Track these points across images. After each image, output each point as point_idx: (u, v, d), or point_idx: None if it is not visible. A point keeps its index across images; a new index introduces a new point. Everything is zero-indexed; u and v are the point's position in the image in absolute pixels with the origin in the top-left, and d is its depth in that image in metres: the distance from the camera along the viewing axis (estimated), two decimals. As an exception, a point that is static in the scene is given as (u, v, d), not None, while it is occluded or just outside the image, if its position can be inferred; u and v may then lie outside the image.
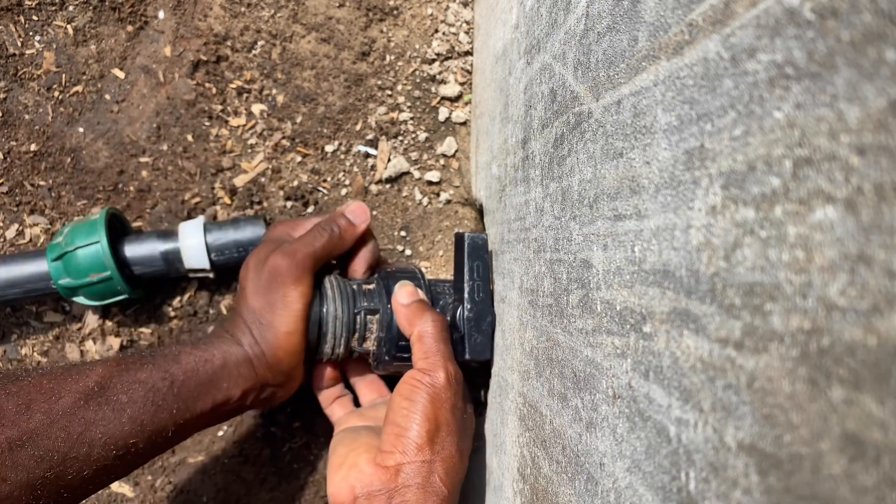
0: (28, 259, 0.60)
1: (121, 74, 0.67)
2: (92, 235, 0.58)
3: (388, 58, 0.70)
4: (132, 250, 0.61)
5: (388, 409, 0.50)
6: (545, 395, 0.38)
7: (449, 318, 0.56)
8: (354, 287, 0.57)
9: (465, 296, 0.55)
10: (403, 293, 0.55)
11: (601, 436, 0.29)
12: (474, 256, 0.55)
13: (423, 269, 0.69)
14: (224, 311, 0.67)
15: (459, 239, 0.57)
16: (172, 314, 0.66)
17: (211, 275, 0.64)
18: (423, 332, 0.52)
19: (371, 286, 0.57)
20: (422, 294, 0.56)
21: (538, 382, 0.40)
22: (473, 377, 0.62)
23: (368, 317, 0.56)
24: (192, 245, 0.62)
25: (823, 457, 0.15)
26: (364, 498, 0.47)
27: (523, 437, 0.43)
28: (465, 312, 0.54)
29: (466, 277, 0.55)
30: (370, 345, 0.56)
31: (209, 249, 0.62)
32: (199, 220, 0.63)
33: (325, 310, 0.55)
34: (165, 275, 0.63)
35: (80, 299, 0.60)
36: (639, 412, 0.25)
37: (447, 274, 0.70)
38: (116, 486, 0.64)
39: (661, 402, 0.23)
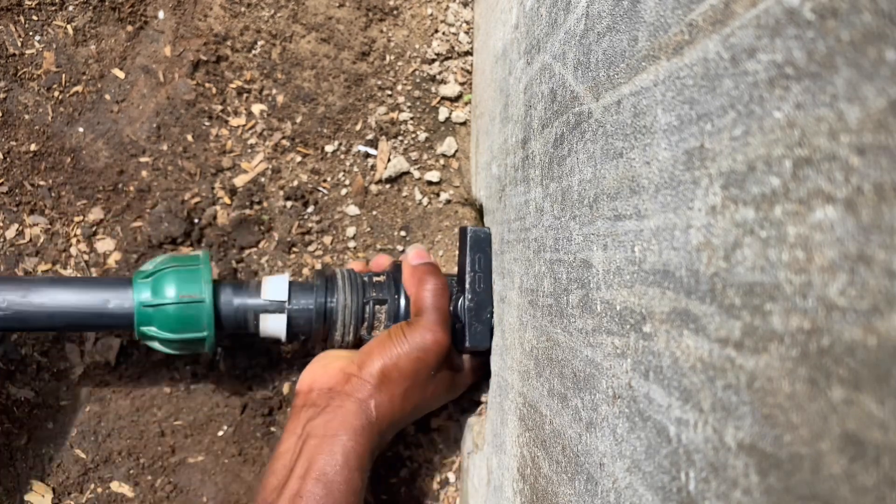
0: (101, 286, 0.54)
1: (121, 74, 0.67)
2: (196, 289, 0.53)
3: (388, 58, 0.70)
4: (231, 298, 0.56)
5: (379, 334, 0.57)
6: (545, 395, 0.38)
7: (451, 309, 0.58)
8: (365, 279, 0.59)
9: (467, 287, 0.56)
10: (414, 254, 0.59)
11: (601, 436, 0.29)
12: (476, 249, 0.57)
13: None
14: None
15: (462, 232, 0.58)
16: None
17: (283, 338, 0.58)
18: (420, 296, 0.56)
19: (381, 278, 0.60)
20: (431, 257, 0.59)
21: (538, 382, 0.40)
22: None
23: (377, 307, 0.58)
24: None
25: (823, 457, 0.15)
26: (316, 391, 0.54)
27: (523, 437, 0.43)
28: (467, 303, 0.56)
29: (468, 269, 0.57)
30: (378, 334, 0.58)
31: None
32: (285, 277, 0.58)
33: (334, 299, 0.57)
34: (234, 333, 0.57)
35: (152, 330, 0.54)
36: (639, 412, 0.25)
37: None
38: (116, 487, 0.64)
39: (661, 402, 0.23)
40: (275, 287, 0.57)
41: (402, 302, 0.58)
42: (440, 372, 0.56)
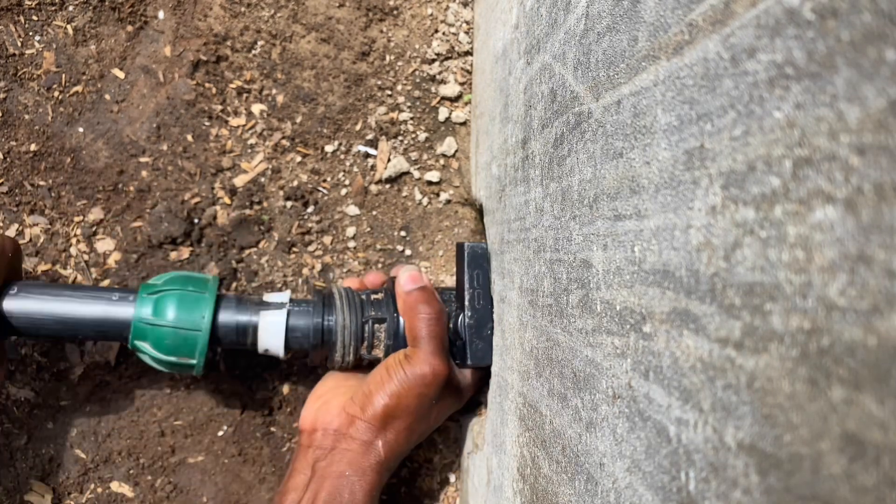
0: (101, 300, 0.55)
1: (121, 74, 0.67)
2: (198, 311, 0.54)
3: (388, 58, 0.70)
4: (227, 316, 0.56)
5: (374, 370, 0.56)
6: (545, 395, 0.38)
7: (451, 326, 0.58)
8: (363, 297, 0.59)
9: (466, 304, 0.56)
10: (406, 278, 0.58)
11: (601, 436, 0.29)
12: (474, 265, 0.57)
13: (423, 269, 0.70)
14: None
15: (460, 248, 0.58)
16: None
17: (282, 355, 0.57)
18: (415, 325, 0.55)
19: (379, 296, 0.59)
20: (425, 279, 0.58)
21: (538, 382, 0.40)
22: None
23: (376, 325, 0.57)
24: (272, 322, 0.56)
25: (823, 457, 0.15)
26: (321, 431, 0.55)
27: (523, 437, 0.43)
28: (467, 320, 0.56)
29: (467, 286, 0.57)
30: (378, 352, 0.58)
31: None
32: (286, 293, 0.58)
33: (333, 319, 0.57)
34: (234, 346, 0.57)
35: (146, 346, 0.54)
36: (639, 412, 0.25)
37: (447, 274, 0.70)
38: (116, 487, 0.64)
39: (661, 402, 0.23)
40: (276, 295, 0.58)
41: (402, 320, 0.57)
42: (442, 397, 0.56)
